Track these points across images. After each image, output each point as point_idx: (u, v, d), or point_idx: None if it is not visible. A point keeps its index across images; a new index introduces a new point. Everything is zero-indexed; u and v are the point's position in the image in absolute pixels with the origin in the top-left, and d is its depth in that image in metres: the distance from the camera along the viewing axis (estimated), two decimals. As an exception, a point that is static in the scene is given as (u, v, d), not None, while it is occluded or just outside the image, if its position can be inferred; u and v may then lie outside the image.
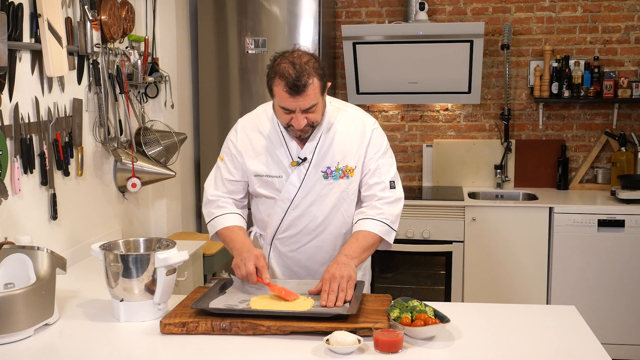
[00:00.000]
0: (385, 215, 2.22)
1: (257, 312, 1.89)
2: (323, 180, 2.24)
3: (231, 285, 2.15)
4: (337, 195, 2.25)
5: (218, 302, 1.98)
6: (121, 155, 3.17)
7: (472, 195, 4.21)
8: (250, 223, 2.43)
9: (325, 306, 1.95)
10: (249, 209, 2.43)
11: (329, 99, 2.27)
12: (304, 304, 1.96)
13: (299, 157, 2.23)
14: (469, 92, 4.19)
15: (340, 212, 2.27)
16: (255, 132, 2.28)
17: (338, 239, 2.30)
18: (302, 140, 2.22)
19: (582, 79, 4.16)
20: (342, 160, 2.24)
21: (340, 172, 2.23)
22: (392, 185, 2.26)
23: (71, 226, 2.83)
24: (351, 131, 2.26)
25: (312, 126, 2.16)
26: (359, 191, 2.30)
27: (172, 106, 3.72)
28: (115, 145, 3.16)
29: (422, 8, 4.14)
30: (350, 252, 2.13)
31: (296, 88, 2.02)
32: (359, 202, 2.32)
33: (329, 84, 2.18)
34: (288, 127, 2.16)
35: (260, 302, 1.97)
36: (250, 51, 4.03)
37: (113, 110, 3.16)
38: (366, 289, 2.31)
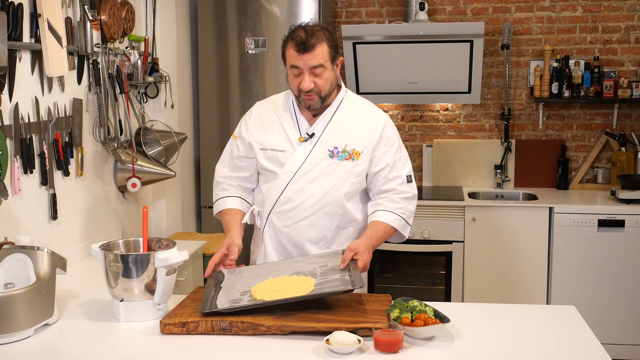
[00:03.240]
0: (403, 210, 2.31)
1: (267, 303, 1.89)
2: (328, 158, 2.28)
3: (223, 278, 2.15)
4: (339, 176, 2.28)
5: (221, 300, 1.97)
6: (121, 155, 3.17)
7: (472, 195, 4.21)
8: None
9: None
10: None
11: (347, 90, 2.38)
12: (305, 286, 1.96)
13: (307, 133, 2.29)
14: (469, 92, 4.19)
15: (339, 192, 2.28)
16: (268, 110, 2.39)
17: (333, 220, 2.31)
18: (311, 111, 2.29)
19: (582, 79, 4.16)
20: (350, 143, 2.29)
21: (346, 154, 2.28)
22: (409, 180, 2.35)
23: (71, 226, 2.83)
24: (363, 118, 2.33)
25: (320, 96, 2.22)
26: (372, 184, 2.34)
27: (172, 106, 3.72)
28: (115, 145, 3.16)
29: (422, 8, 4.14)
30: (373, 241, 2.21)
31: (304, 45, 2.14)
32: (374, 192, 2.35)
33: (342, 59, 2.29)
34: (299, 95, 2.23)
35: (262, 292, 1.96)
36: (250, 51, 4.03)
37: (113, 110, 3.16)
38: (364, 289, 2.34)
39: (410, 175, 2.35)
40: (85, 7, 2.81)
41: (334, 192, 2.28)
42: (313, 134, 2.29)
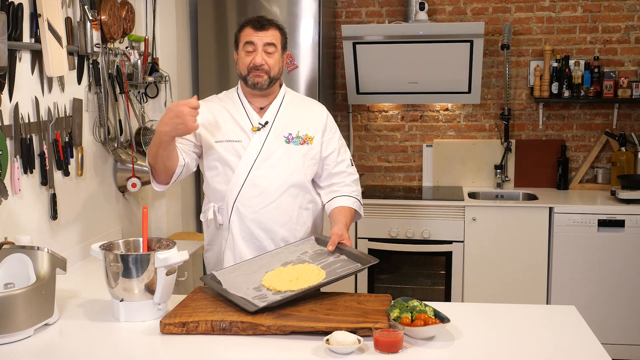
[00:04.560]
0: (357, 192, 2.53)
1: (310, 289, 1.97)
2: (285, 144, 2.42)
3: (216, 278, 2.14)
4: (297, 159, 2.42)
5: (245, 294, 1.99)
6: (121, 155, 3.17)
7: (472, 195, 4.21)
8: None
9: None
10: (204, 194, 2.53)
11: (286, 87, 2.56)
12: (314, 272, 2.06)
13: (259, 123, 2.41)
14: (469, 92, 4.19)
15: (301, 174, 2.42)
16: (215, 105, 2.48)
17: (296, 201, 2.42)
18: (259, 92, 2.40)
19: (582, 79, 4.16)
20: (303, 129, 2.45)
21: (300, 139, 2.44)
22: (352, 163, 2.57)
23: (71, 226, 2.83)
24: (307, 108, 2.53)
25: (269, 75, 2.37)
26: (321, 168, 2.49)
27: (172, 106, 3.72)
28: (115, 145, 3.16)
29: (422, 8, 4.14)
30: (348, 226, 2.41)
31: (260, 24, 2.37)
32: (323, 176, 2.51)
33: (289, 53, 2.48)
34: (248, 74, 2.36)
35: (279, 283, 2.01)
36: (250, 51, 4.03)
37: (113, 110, 3.16)
38: (365, 289, 2.39)
39: (351, 160, 2.57)
40: (85, 7, 2.81)
41: (296, 174, 2.41)
42: (267, 122, 2.41)
